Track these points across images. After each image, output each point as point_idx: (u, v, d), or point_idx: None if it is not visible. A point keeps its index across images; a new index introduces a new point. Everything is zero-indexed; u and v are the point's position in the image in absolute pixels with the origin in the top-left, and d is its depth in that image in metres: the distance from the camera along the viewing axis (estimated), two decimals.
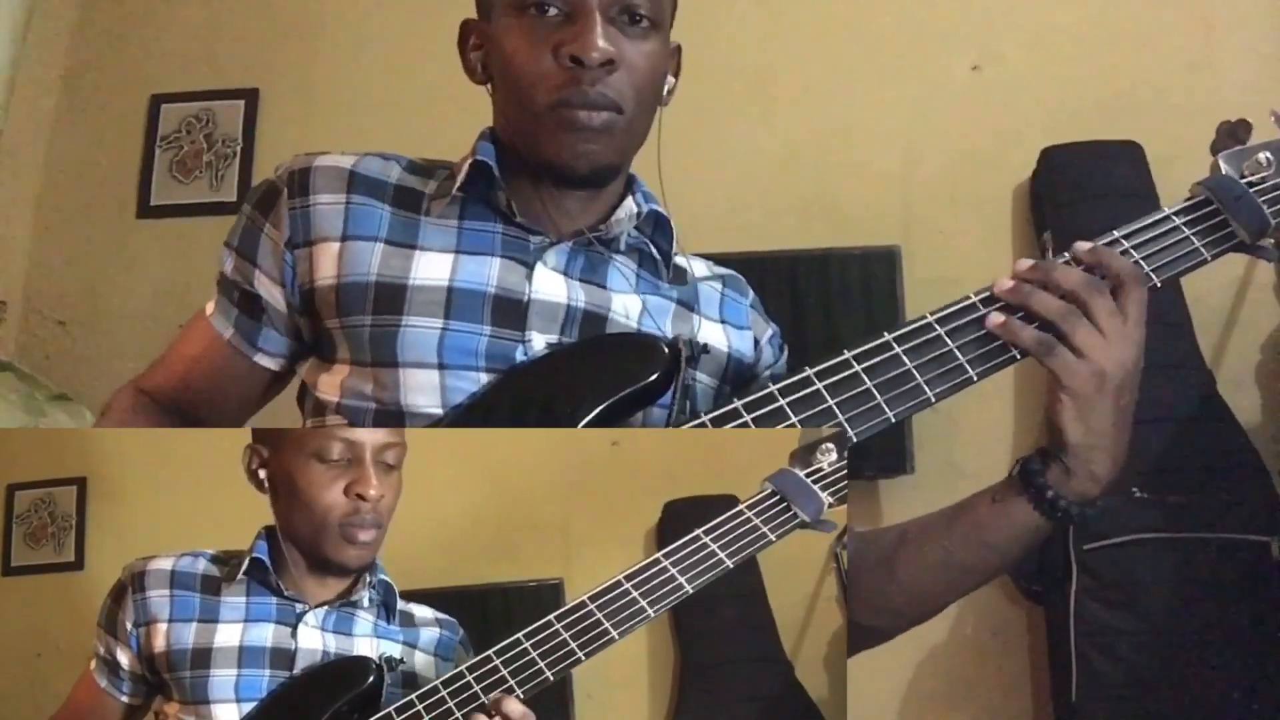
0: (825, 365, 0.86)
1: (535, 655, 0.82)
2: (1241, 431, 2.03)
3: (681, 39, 1.03)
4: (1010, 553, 0.91)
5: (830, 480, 0.87)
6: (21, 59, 2.33)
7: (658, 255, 1.03)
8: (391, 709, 0.85)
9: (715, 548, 0.84)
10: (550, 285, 0.96)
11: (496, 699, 0.81)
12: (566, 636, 0.82)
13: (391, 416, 0.92)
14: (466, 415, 0.91)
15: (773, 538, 0.85)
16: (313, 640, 0.94)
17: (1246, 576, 1.87)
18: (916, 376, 0.86)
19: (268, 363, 1.03)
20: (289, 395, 1.07)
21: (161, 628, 0.95)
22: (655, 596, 0.83)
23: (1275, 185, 0.95)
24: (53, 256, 2.60)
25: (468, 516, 1.72)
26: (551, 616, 0.83)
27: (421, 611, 1.03)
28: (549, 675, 0.81)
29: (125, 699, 1.00)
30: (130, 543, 1.72)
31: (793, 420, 0.84)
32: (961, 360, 0.86)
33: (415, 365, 0.91)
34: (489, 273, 0.95)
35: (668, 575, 0.83)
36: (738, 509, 0.87)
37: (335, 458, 0.93)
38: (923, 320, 0.88)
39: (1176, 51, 2.32)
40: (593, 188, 0.99)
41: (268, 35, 2.65)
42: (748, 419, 0.85)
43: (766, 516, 0.86)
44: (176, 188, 2.59)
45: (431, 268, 0.94)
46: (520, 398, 0.91)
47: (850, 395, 0.85)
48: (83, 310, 2.56)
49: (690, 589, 0.83)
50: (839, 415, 0.85)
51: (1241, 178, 0.95)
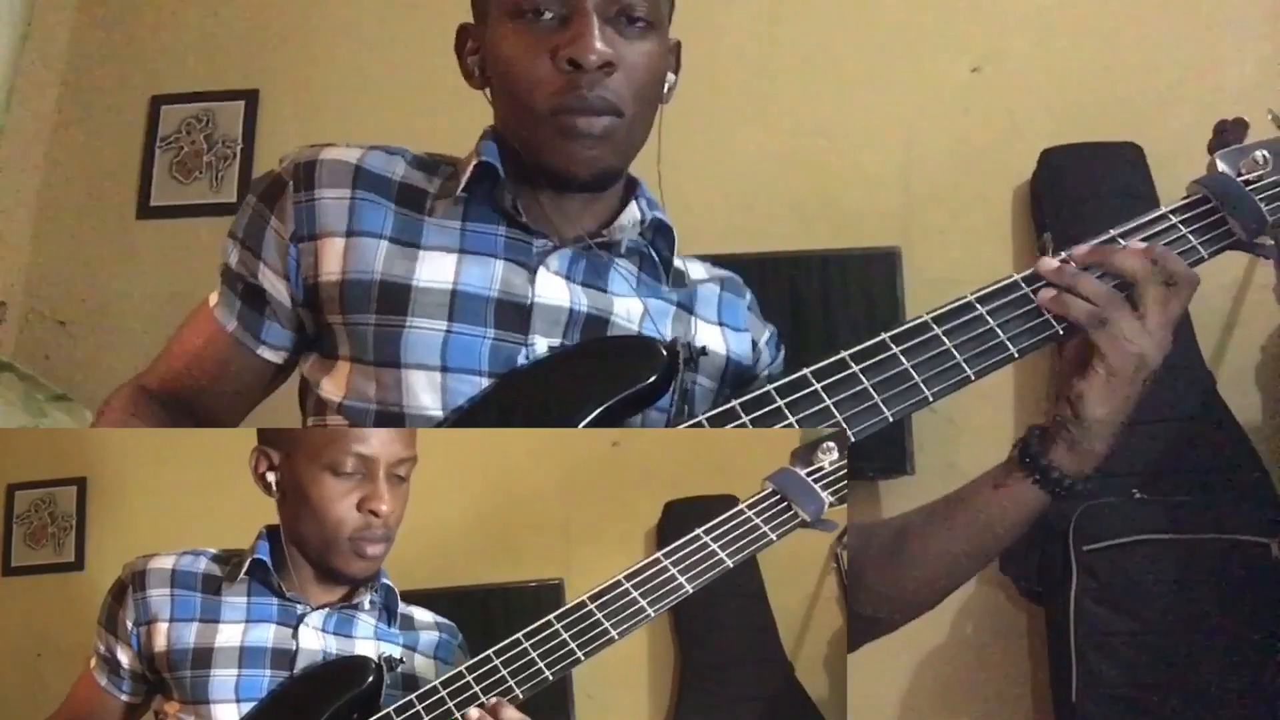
0: (822, 365, 0.86)
1: (535, 655, 0.82)
2: (1241, 431, 2.03)
3: (681, 38, 1.03)
4: (1011, 534, 0.93)
5: (831, 479, 0.87)
6: (21, 59, 2.33)
7: (658, 260, 1.03)
8: (391, 709, 0.85)
9: (715, 547, 0.84)
10: (553, 289, 0.96)
11: (494, 704, 0.81)
12: (566, 636, 0.82)
13: (393, 418, 0.92)
14: (467, 418, 0.91)
15: (773, 537, 0.85)
16: (313, 641, 0.94)
17: (1246, 577, 1.86)
18: (914, 376, 0.86)
19: (271, 355, 1.02)
20: (290, 394, 1.06)
21: (162, 627, 0.95)
22: (655, 596, 0.83)
23: (1273, 183, 0.95)
24: (53, 256, 2.61)
25: (468, 517, 1.72)
26: (551, 616, 0.83)
27: (422, 615, 1.03)
28: (548, 675, 0.81)
29: (125, 698, 1.00)
30: (130, 543, 1.72)
31: (790, 420, 0.84)
32: (959, 359, 0.87)
33: (418, 367, 0.91)
34: (492, 276, 0.95)
35: (668, 575, 0.83)
36: (738, 508, 0.87)
37: (349, 471, 0.92)
38: (919, 320, 0.88)
39: (1176, 51, 2.32)
40: (594, 191, 0.98)
41: (268, 35, 2.65)
42: (745, 419, 0.85)
43: (767, 516, 0.86)
44: (176, 188, 2.59)
45: (435, 269, 0.94)
46: (520, 400, 0.91)
47: (847, 395, 0.85)
48: (83, 310, 2.56)
49: (690, 589, 0.83)
50: (837, 415, 0.85)
51: (1239, 176, 0.95)
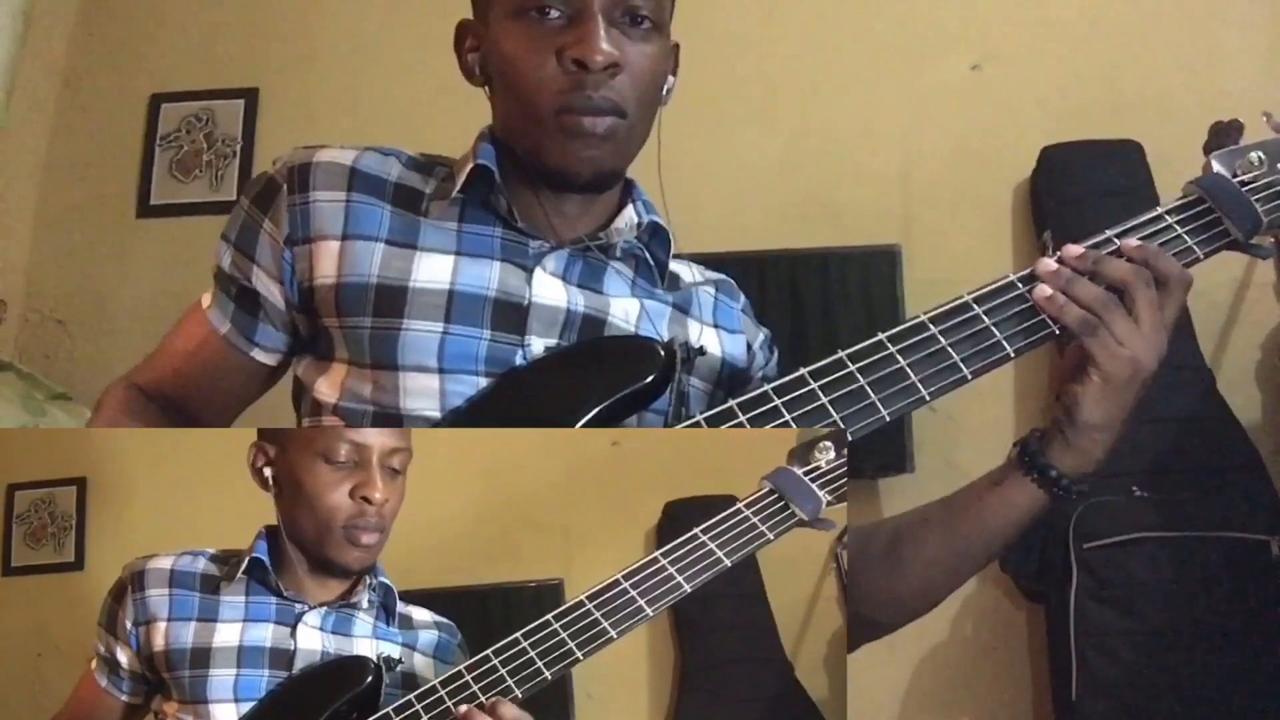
0: (819, 365, 0.86)
1: (534, 655, 0.82)
2: (1241, 431, 2.03)
3: (681, 39, 1.03)
4: (1012, 535, 0.93)
5: (829, 478, 0.87)
6: (21, 59, 2.33)
7: (653, 263, 1.03)
8: (390, 709, 0.85)
9: (713, 546, 0.84)
10: (550, 290, 0.96)
11: (493, 703, 0.81)
12: (565, 636, 0.82)
13: (389, 420, 0.92)
14: (466, 418, 0.91)
15: (771, 536, 0.85)
16: (312, 641, 0.94)
17: (1246, 576, 1.86)
18: (910, 375, 0.86)
19: (264, 358, 1.02)
20: (285, 395, 1.06)
21: (161, 626, 0.95)
22: (653, 595, 0.83)
23: (1268, 184, 0.96)
24: (53, 256, 2.60)
25: (468, 516, 1.72)
26: (549, 616, 0.83)
27: (420, 614, 1.03)
28: (547, 675, 0.81)
29: (125, 698, 1.00)
30: (130, 543, 1.72)
31: (787, 419, 0.84)
32: (955, 359, 0.87)
33: (415, 369, 0.91)
34: (490, 276, 0.95)
35: (666, 574, 0.83)
36: (736, 508, 0.87)
37: (342, 459, 0.93)
38: (916, 320, 0.88)
39: (1176, 51, 2.32)
40: (593, 192, 0.98)
41: (268, 35, 2.65)
42: (743, 419, 0.85)
43: (765, 515, 0.86)
44: (176, 187, 2.59)
45: (432, 270, 0.94)
46: (518, 401, 0.91)
47: (844, 394, 0.85)
48: (83, 310, 2.56)
49: (689, 588, 0.83)
50: (834, 414, 0.85)
51: (1234, 177, 0.96)
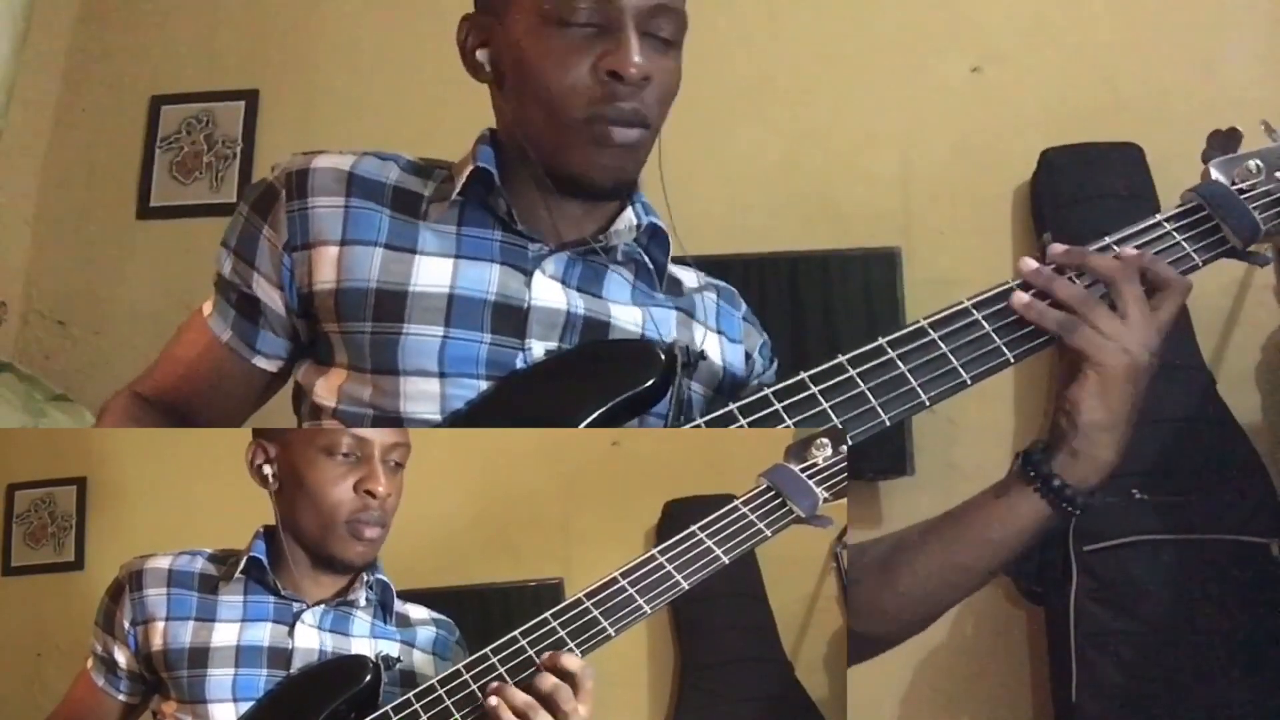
0: (820, 369, 0.87)
1: (532, 653, 0.82)
2: (1241, 431, 2.03)
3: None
4: (1014, 549, 0.91)
5: (826, 475, 0.87)
6: (21, 59, 2.33)
7: (653, 267, 1.03)
8: (389, 708, 0.84)
9: (711, 544, 0.84)
10: (549, 293, 0.96)
11: (552, 655, 0.80)
12: (563, 634, 0.82)
13: (389, 424, 0.92)
14: (466, 421, 0.91)
15: (768, 533, 0.85)
16: (310, 639, 0.94)
17: (1246, 576, 1.86)
18: (910, 380, 0.86)
19: (266, 364, 1.02)
20: (286, 399, 1.07)
21: (159, 626, 0.95)
22: (651, 593, 0.82)
23: (1266, 192, 0.96)
24: (53, 256, 2.61)
25: (467, 516, 1.72)
26: (548, 614, 0.83)
27: (418, 612, 1.03)
28: None
29: (123, 698, 1.00)
30: (130, 543, 1.72)
31: (788, 423, 0.85)
32: (955, 364, 0.87)
33: (416, 373, 0.91)
34: (489, 279, 0.95)
35: (664, 572, 0.83)
36: (733, 505, 0.87)
37: (345, 454, 0.93)
38: (916, 325, 0.88)
39: (1176, 52, 2.32)
40: (608, 199, 0.99)
41: (268, 35, 2.65)
42: (743, 423, 0.85)
43: (762, 512, 0.86)
44: (176, 189, 2.59)
45: (432, 274, 0.94)
46: (518, 404, 0.91)
47: (845, 398, 0.85)
48: (83, 310, 2.57)
49: (686, 585, 0.83)
50: (834, 418, 0.85)
51: (1233, 185, 0.96)
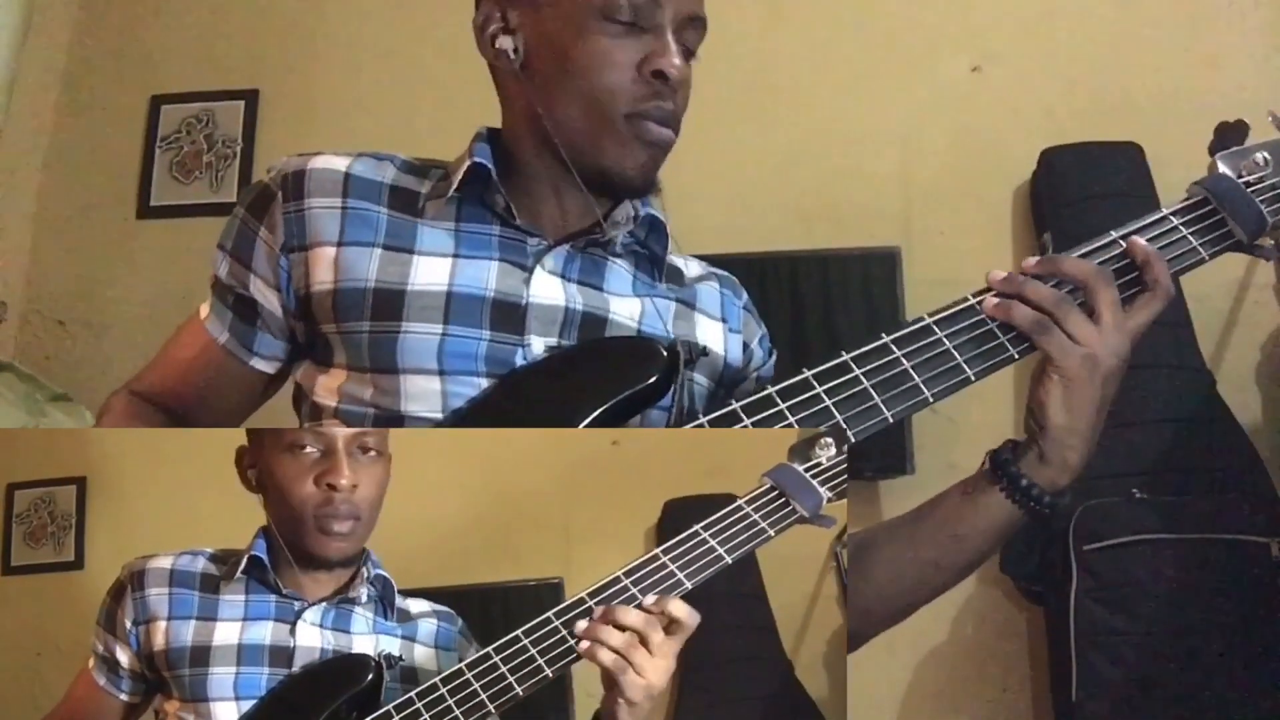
0: (823, 368, 0.87)
1: (535, 652, 0.82)
2: (1241, 431, 2.03)
3: None
4: (982, 546, 0.92)
5: (829, 475, 0.87)
6: (21, 59, 2.33)
7: (652, 257, 1.03)
8: (390, 706, 0.84)
9: (714, 543, 0.84)
10: (548, 289, 0.96)
11: (658, 599, 0.81)
12: (565, 634, 0.82)
13: (390, 422, 0.92)
14: (468, 420, 0.91)
15: (771, 533, 0.85)
16: (311, 638, 0.94)
17: (1246, 577, 1.86)
18: (914, 377, 0.86)
19: (263, 366, 1.02)
20: (285, 399, 1.06)
21: (161, 625, 0.95)
22: (654, 592, 0.82)
23: (1273, 185, 0.95)
24: (53, 256, 2.60)
25: (468, 516, 1.72)
26: (550, 613, 0.83)
27: (418, 605, 1.03)
28: (549, 673, 0.81)
29: (124, 697, 1.00)
30: (130, 543, 1.71)
31: (791, 422, 0.85)
32: (959, 360, 0.87)
33: (415, 371, 0.91)
34: (487, 276, 0.95)
35: (666, 571, 0.83)
36: (736, 504, 0.87)
37: (307, 449, 0.94)
38: (920, 322, 0.88)
39: (1176, 53, 2.32)
40: (633, 198, 0.99)
41: (268, 35, 2.65)
42: (747, 422, 0.85)
43: (765, 512, 0.86)
44: (176, 188, 2.59)
45: (430, 272, 0.94)
46: (520, 402, 0.91)
47: (848, 396, 0.85)
48: (83, 310, 2.56)
49: (689, 585, 0.82)
50: (837, 416, 0.85)
51: (1239, 178, 0.96)
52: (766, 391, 0.86)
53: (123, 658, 0.98)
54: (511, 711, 0.83)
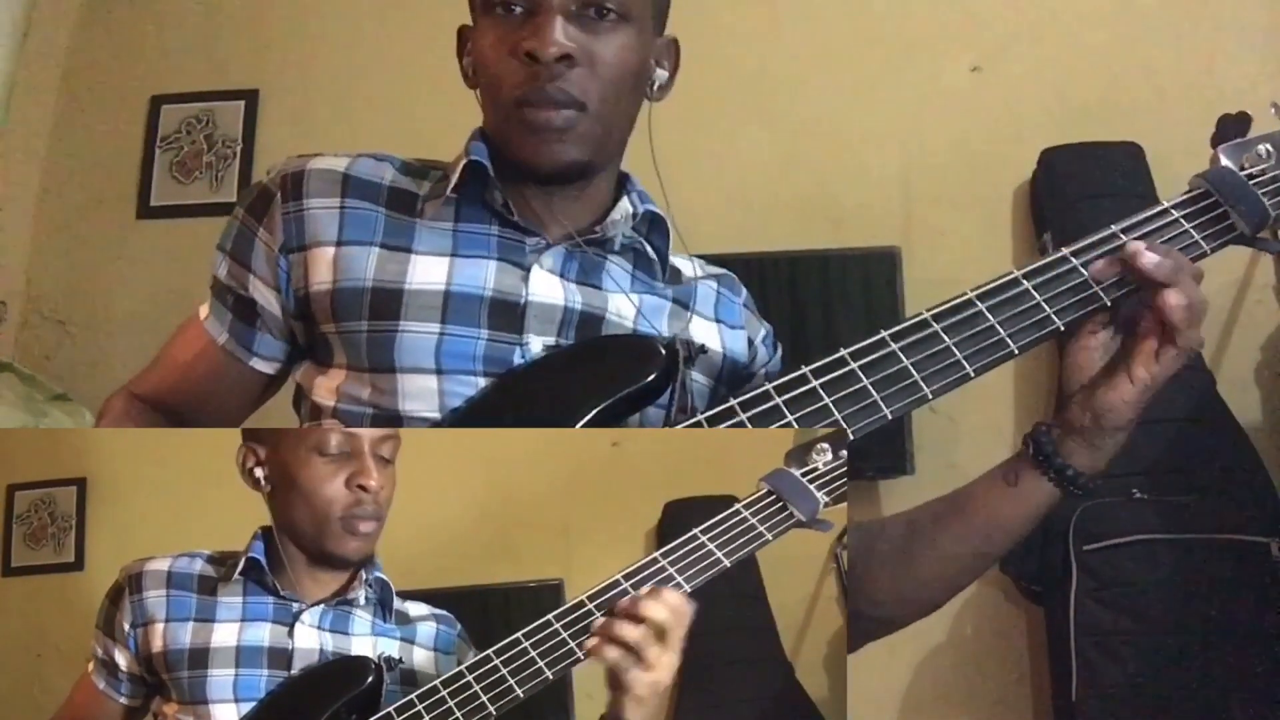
0: (821, 364, 0.86)
1: (535, 655, 0.82)
2: (1241, 431, 2.03)
3: (682, 37, 1.03)
4: (1022, 532, 0.93)
5: (826, 479, 0.87)
6: (21, 59, 2.33)
7: (653, 255, 1.03)
8: (391, 709, 0.84)
9: (712, 547, 0.84)
10: (547, 287, 0.96)
11: (652, 590, 0.80)
12: (565, 636, 0.82)
13: (389, 422, 0.92)
14: (466, 419, 0.91)
15: (769, 537, 0.85)
16: (310, 639, 0.94)
17: (1246, 577, 1.86)
18: (913, 373, 0.85)
19: (263, 367, 1.03)
20: (284, 399, 1.06)
21: (159, 628, 0.95)
22: None
23: (1275, 177, 0.94)
24: (53, 256, 2.60)
25: (468, 516, 1.72)
26: (550, 616, 0.83)
27: (417, 608, 1.03)
28: (549, 675, 0.81)
29: (124, 700, 1.00)
30: (130, 543, 1.72)
31: (789, 419, 0.84)
32: (959, 356, 0.86)
33: (413, 370, 0.91)
34: (485, 276, 0.95)
35: (665, 575, 0.83)
36: (735, 508, 0.87)
37: (334, 451, 0.93)
38: (919, 318, 0.88)
39: (1176, 53, 2.32)
40: (566, 184, 0.98)
41: (268, 35, 2.64)
42: (744, 418, 0.85)
43: (763, 516, 0.86)
44: (176, 188, 2.59)
45: (428, 272, 0.94)
46: (517, 401, 0.91)
47: (847, 393, 0.85)
48: (83, 310, 2.56)
49: (688, 588, 0.83)
50: (835, 413, 0.84)
51: (1241, 170, 0.95)
52: (764, 387, 0.85)
53: (121, 661, 0.98)
54: (512, 713, 0.83)
